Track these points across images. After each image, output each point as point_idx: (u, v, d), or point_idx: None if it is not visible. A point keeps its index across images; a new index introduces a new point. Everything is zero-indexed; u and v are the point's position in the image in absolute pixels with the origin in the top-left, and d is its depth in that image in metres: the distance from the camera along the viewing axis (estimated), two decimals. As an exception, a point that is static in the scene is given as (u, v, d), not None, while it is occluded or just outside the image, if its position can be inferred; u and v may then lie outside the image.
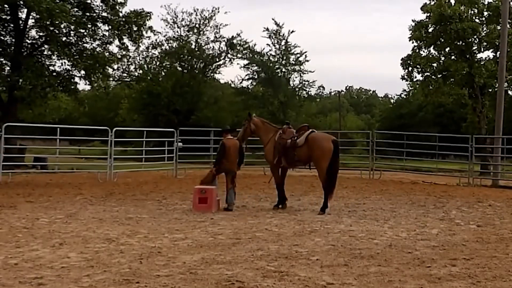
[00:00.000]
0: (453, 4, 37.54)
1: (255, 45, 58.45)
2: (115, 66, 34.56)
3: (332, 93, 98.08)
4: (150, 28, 31.15)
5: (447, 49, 39.04)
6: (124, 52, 31.88)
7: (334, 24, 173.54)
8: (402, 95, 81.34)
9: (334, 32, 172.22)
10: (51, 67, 29.69)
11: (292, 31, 59.63)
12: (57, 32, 27.83)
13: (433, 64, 38.83)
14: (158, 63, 57.90)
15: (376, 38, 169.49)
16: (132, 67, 52.22)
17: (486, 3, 38.07)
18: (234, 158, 14.81)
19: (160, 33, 53.97)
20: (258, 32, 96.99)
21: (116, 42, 30.29)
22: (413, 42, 39.49)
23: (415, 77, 40.67)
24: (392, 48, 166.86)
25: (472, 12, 38.40)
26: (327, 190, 14.34)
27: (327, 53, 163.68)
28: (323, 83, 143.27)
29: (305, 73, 59.58)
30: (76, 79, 30.40)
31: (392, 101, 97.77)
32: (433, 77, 39.32)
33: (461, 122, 56.38)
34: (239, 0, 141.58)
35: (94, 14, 28.98)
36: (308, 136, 14.53)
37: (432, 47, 39.17)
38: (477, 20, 38.16)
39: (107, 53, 29.96)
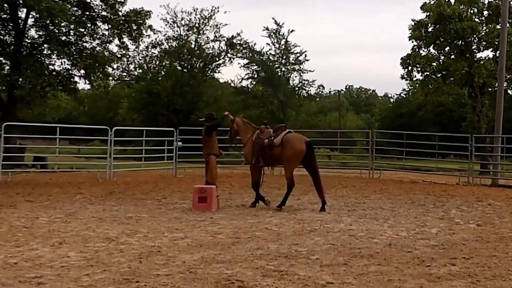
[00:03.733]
0: (452, 4, 37.56)
1: (255, 44, 58.55)
2: (115, 65, 34.55)
3: (332, 93, 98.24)
4: (150, 27, 31.20)
5: (446, 49, 39.07)
6: (123, 51, 31.88)
7: (334, 24, 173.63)
8: (402, 95, 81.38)
9: (334, 31, 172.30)
10: (50, 66, 29.72)
11: (292, 31, 59.84)
12: (56, 31, 27.88)
13: (432, 64, 38.86)
14: (157, 62, 57.91)
15: (376, 37, 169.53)
16: (131, 67, 52.19)
17: (486, 2, 38.11)
18: (203, 143, 15.44)
19: (160, 32, 54.00)
20: (258, 32, 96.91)
21: (116, 41, 30.34)
22: (412, 42, 39.54)
23: (415, 77, 40.76)
24: (392, 47, 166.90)
25: (472, 11, 38.43)
26: (290, 189, 14.73)
27: (327, 53, 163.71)
28: (323, 83, 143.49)
29: (304, 73, 59.69)
30: (76, 79, 30.47)
31: (392, 100, 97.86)
32: (432, 76, 39.37)
33: (460, 122, 56.47)
34: (240, 0, 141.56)
35: (94, 13, 28.99)
36: (283, 137, 14.69)
37: (431, 46, 39.20)
38: (476, 20, 38.18)
39: (107, 52, 29.98)
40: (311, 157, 14.71)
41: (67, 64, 29.44)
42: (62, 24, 27.37)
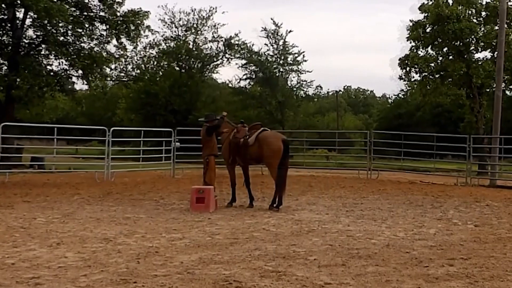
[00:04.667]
0: (450, 4, 37.53)
1: (252, 45, 58.53)
2: (113, 66, 34.52)
3: (330, 93, 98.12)
4: (148, 27, 31.25)
5: (444, 49, 39.01)
6: (121, 52, 31.87)
7: (333, 24, 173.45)
8: (400, 95, 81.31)
9: (332, 31, 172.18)
10: (48, 67, 29.69)
11: (290, 31, 59.81)
12: (54, 31, 27.83)
13: (430, 64, 38.77)
14: (155, 62, 57.89)
15: (374, 37, 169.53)
16: (129, 67, 52.22)
17: (484, 3, 38.06)
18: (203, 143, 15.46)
19: (158, 32, 53.95)
20: (257, 32, 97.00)
21: (114, 41, 30.31)
22: (410, 42, 39.44)
23: (413, 77, 40.63)
24: (390, 48, 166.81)
25: (470, 12, 38.34)
26: (279, 187, 14.68)
27: (325, 53, 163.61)
28: (321, 83, 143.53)
29: (302, 73, 59.62)
30: (74, 79, 30.48)
31: (390, 101, 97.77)
32: (430, 77, 39.29)
33: (458, 122, 56.39)
34: (239, 0, 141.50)
35: (92, 14, 28.95)
36: (258, 135, 14.84)
37: (429, 47, 39.13)
38: (474, 20, 38.12)
39: (105, 53, 29.93)
40: (285, 156, 14.77)
41: (65, 65, 29.40)
42: (60, 25, 27.32)
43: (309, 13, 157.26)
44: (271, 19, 70.97)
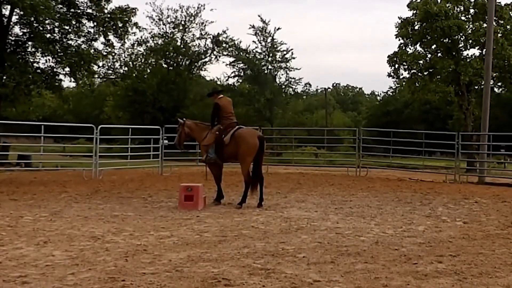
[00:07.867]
0: (439, 2, 37.68)
1: (240, 42, 58.47)
2: (100, 63, 34.47)
3: (319, 90, 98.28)
4: (136, 24, 31.11)
5: (433, 47, 39.20)
6: (109, 49, 31.75)
7: (321, 22, 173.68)
8: (389, 92, 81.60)
9: (321, 29, 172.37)
10: (35, 64, 29.50)
11: (278, 28, 59.88)
12: (41, 28, 27.65)
13: (419, 62, 38.97)
14: (143, 60, 57.64)
15: (363, 35, 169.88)
16: (117, 64, 52.08)
17: (472, 0, 38.25)
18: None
19: (145, 29, 53.73)
20: (245, 30, 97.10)
21: (101, 38, 30.20)
22: (399, 40, 39.63)
23: (402, 75, 40.86)
24: (379, 45, 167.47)
25: (458, 9, 38.58)
26: (248, 185, 14.69)
27: (313, 50, 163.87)
28: (310, 80, 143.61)
29: (291, 70, 59.67)
30: (61, 76, 30.27)
31: (378, 98, 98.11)
32: (419, 74, 39.50)
33: (447, 119, 56.80)
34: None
35: (79, 11, 28.81)
36: (234, 133, 14.79)
37: (418, 44, 39.33)
38: (463, 18, 38.36)
39: (92, 50, 29.77)
40: (261, 152, 14.77)
41: (52, 62, 29.23)
42: (47, 22, 27.17)
43: (298, 11, 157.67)
44: (259, 16, 70.90)
